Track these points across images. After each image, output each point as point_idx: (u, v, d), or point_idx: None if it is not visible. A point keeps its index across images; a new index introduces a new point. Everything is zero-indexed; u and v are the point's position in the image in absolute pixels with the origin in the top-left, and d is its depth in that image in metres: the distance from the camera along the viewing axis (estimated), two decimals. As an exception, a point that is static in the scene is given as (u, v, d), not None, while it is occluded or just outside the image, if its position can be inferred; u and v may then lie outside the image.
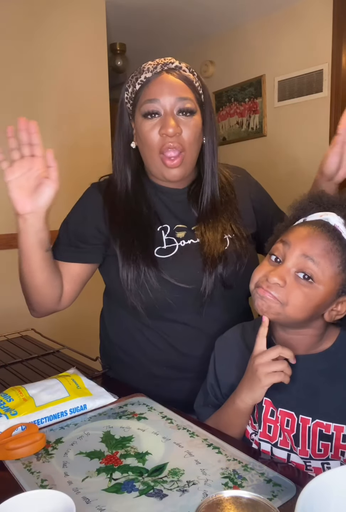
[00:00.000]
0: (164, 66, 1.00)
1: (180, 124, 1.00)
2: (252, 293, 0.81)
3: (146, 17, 3.27)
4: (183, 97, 0.99)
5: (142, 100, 1.01)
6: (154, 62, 1.02)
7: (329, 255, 0.74)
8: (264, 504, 0.51)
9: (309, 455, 0.79)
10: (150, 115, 0.99)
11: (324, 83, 3.08)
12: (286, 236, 0.80)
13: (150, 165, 1.06)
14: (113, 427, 0.88)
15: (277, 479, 0.70)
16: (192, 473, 0.72)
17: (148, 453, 0.79)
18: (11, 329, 1.69)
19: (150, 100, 0.99)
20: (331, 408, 0.78)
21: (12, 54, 2.40)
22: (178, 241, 1.05)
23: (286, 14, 3.24)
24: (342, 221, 0.78)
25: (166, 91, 0.98)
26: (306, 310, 0.75)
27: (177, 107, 0.99)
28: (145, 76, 1.00)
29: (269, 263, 0.80)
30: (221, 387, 0.90)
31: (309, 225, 0.78)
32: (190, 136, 1.01)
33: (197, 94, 1.04)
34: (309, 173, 3.73)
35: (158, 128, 0.99)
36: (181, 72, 1.01)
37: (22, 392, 0.96)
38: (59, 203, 2.89)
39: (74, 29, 2.64)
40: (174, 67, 1.01)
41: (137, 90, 1.02)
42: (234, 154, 3.74)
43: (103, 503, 0.66)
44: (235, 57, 3.63)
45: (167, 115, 0.98)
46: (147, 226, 1.05)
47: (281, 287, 0.75)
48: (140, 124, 1.02)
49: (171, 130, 0.97)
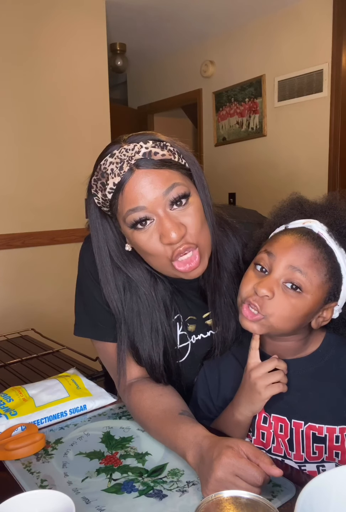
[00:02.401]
0: (130, 160, 0.78)
1: (180, 219, 0.80)
2: (239, 308, 0.78)
3: (146, 17, 3.27)
4: (169, 187, 0.78)
5: (122, 211, 0.80)
6: (116, 158, 0.79)
7: (316, 264, 0.73)
8: (264, 504, 0.51)
9: (303, 459, 0.79)
10: (140, 224, 0.79)
11: (324, 83, 3.08)
12: (270, 246, 0.77)
13: (158, 270, 0.87)
14: (113, 428, 0.88)
15: (276, 479, 0.70)
16: (191, 473, 0.72)
17: (148, 453, 0.79)
18: (11, 329, 1.69)
19: (133, 210, 0.78)
20: (322, 410, 0.78)
21: (12, 54, 2.40)
22: (190, 336, 0.95)
23: (286, 14, 3.24)
24: (325, 228, 0.76)
25: (148, 192, 0.78)
26: (293, 320, 0.75)
27: (167, 202, 0.79)
28: (114, 182, 0.79)
29: (255, 273, 0.78)
30: (213, 400, 0.90)
31: (293, 233, 0.76)
32: (196, 225, 0.81)
33: (181, 168, 0.82)
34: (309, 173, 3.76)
35: (157, 236, 0.80)
36: (153, 158, 0.78)
37: (22, 392, 0.96)
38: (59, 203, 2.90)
39: (74, 29, 2.65)
40: (142, 157, 0.78)
41: (110, 199, 0.81)
42: (234, 154, 3.75)
43: (103, 504, 0.66)
44: (235, 57, 3.63)
45: (161, 218, 0.79)
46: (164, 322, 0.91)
47: (269, 299, 0.73)
48: (133, 236, 0.82)
49: (175, 236, 0.78)
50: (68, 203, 2.68)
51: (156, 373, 0.90)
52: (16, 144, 2.46)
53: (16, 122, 2.45)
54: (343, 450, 0.77)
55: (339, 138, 3.07)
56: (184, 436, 0.73)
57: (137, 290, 0.90)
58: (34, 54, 2.49)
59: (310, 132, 3.23)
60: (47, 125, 2.56)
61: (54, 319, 2.35)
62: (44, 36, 2.52)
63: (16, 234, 2.48)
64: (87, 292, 0.95)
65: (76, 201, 2.71)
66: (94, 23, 2.76)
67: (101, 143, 3.25)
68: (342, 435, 0.77)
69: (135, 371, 0.93)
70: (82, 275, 0.97)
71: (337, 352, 0.81)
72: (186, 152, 0.85)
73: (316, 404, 0.79)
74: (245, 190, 3.71)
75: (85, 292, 0.96)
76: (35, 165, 2.53)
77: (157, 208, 0.78)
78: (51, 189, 2.60)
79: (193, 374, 0.96)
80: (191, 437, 0.72)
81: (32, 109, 2.49)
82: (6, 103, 2.40)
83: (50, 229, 2.62)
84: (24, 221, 2.51)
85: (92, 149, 2.76)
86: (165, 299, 0.92)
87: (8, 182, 2.44)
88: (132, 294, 0.90)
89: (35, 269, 2.57)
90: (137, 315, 0.90)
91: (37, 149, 2.53)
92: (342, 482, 0.54)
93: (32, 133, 2.50)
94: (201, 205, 0.84)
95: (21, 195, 2.49)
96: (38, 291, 2.57)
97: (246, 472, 0.62)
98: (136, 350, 0.91)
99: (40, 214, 2.57)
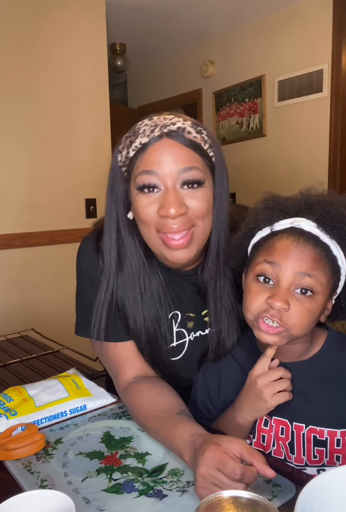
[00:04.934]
0: (163, 128, 0.80)
1: (186, 199, 0.81)
2: (252, 323, 0.77)
3: (146, 17, 3.27)
4: (188, 167, 0.80)
5: (137, 170, 0.82)
6: (152, 122, 0.82)
7: (320, 264, 0.73)
8: (264, 504, 0.51)
9: (304, 462, 0.79)
10: (147, 188, 0.81)
11: (324, 83, 3.08)
12: (269, 254, 0.75)
13: (147, 242, 0.88)
14: (113, 428, 0.88)
15: (276, 479, 0.70)
16: (191, 473, 0.72)
17: (148, 453, 0.79)
18: (11, 329, 1.69)
19: (146, 172, 0.80)
20: (323, 413, 0.78)
21: (12, 54, 2.40)
22: (188, 333, 0.95)
23: (286, 14, 3.24)
24: (314, 225, 0.76)
25: (166, 161, 0.79)
26: (311, 323, 0.75)
27: (180, 180, 0.80)
28: (141, 142, 0.81)
29: (260, 286, 0.75)
30: (213, 401, 0.89)
31: (287, 236, 0.75)
32: (200, 211, 0.82)
33: (206, 158, 0.83)
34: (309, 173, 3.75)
35: (156, 207, 0.81)
36: (185, 135, 0.80)
37: (22, 392, 0.96)
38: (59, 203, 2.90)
39: (74, 29, 2.65)
40: (175, 129, 0.80)
41: (131, 157, 0.83)
42: (234, 154, 3.75)
43: (103, 503, 0.66)
44: (235, 57, 3.63)
45: (168, 190, 0.80)
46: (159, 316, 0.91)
47: (286, 311, 0.72)
48: (135, 198, 0.84)
49: (173, 212, 0.79)
50: (68, 203, 2.68)
51: (141, 343, 0.90)
52: (16, 144, 2.46)
53: (16, 122, 2.45)
54: (344, 453, 0.77)
55: (339, 138, 3.07)
56: (181, 435, 0.73)
57: (125, 260, 0.90)
58: (34, 54, 2.48)
59: (310, 132, 3.23)
60: (47, 125, 2.56)
61: (54, 319, 2.35)
62: (44, 36, 2.52)
63: (16, 234, 2.48)
64: (86, 294, 0.95)
65: (76, 201, 2.72)
66: (94, 23, 2.76)
67: (101, 143, 3.25)
68: (343, 438, 0.76)
69: (134, 370, 0.93)
70: (79, 277, 0.97)
71: (338, 353, 0.81)
72: (217, 149, 0.86)
73: (317, 407, 0.79)
74: (245, 190, 3.70)
75: (83, 294, 0.96)
76: (35, 165, 2.53)
77: (169, 180, 0.80)
78: (51, 189, 2.60)
79: (189, 372, 0.95)
80: (188, 436, 0.72)
81: (31, 109, 2.49)
82: (6, 103, 2.40)
83: (50, 229, 2.62)
84: (24, 221, 2.51)
85: (92, 149, 2.77)
86: (159, 293, 0.91)
87: (8, 182, 2.44)
88: (122, 262, 0.91)
89: (35, 269, 2.57)
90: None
91: (37, 149, 2.53)
92: (342, 482, 0.54)
93: (32, 133, 2.50)
94: (211, 198, 0.84)
95: (21, 195, 2.49)
96: (38, 291, 2.57)
97: (224, 466, 0.61)
98: (122, 307, 0.91)
99: (40, 214, 2.57)
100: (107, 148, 2.82)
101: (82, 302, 0.97)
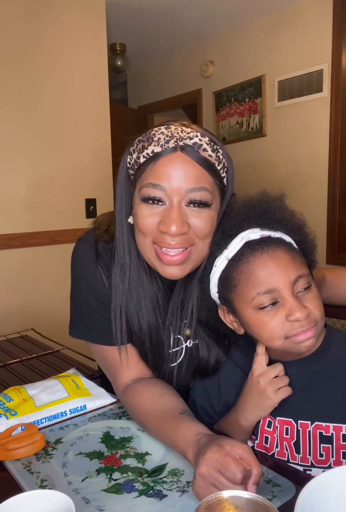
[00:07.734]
0: (179, 140, 0.77)
1: (189, 217, 0.78)
2: (283, 344, 0.75)
3: (146, 17, 3.27)
4: (197, 187, 0.77)
5: (144, 180, 0.79)
6: (168, 131, 0.78)
7: (300, 259, 0.77)
8: (264, 504, 0.51)
9: (310, 462, 0.79)
10: (151, 200, 0.78)
11: (324, 83, 3.08)
12: (260, 284, 0.74)
13: (140, 250, 0.85)
14: (113, 428, 0.88)
15: (276, 480, 0.70)
16: (191, 473, 0.72)
17: (148, 453, 0.79)
18: (11, 329, 1.69)
19: (153, 185, 0.77)
20: (328, 409, 0.78)
21: (12, 54, 2.40)
22: (185, 340, 0.93)
23: (286, 14, 3.24)
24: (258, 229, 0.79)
25: (176, 177, 0.76)
26: (323, 309, 0.78)
27: (187, 198, 0.77)
28: (153, 150, 0.77)
29: (268, 313, 0.75)
30: (214, 406, 0.89)
31: (262, 251, 0.75)
32: (205, 228, 0.79)
33: (217, 179, 0.80)
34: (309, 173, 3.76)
35: (157, 220, 0.78)
36: (200, 152, 0.77)
37: (22, 392, 0.96)
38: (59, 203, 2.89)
39: (74, 29, 2.65)
40: (191, 144, 0.77)
41: (141, 163, 0.79)
42: (234, 154, 3.73)
43: (103, 504, 0.66)
44: (235, 57, 3.63)
45: (172, 206, 0.77)
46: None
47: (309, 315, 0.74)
48: (137, 206, 0.81)
49: (174, 229, 0.76)
50: (68, 203, 2.68)
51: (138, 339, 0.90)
52: (16, 144, 2.46)
53: (16, 122, 2.45)
54: None
55: (339, 138, 3.07)
56: (185, 434, 0.73)
57: (120, 258, 0.88)
58: (34, 54, 2.49)
59: (310, 132, 3.23)
60: (47, 125, 2.56)
61: (54, 319, 2.34)
62: (44, 36, 2.52)
63: (16, 234, 2.48)
64: (81, 297, 0.94)
65: (76, 201, 2.72)
66: (94, 23, 2.76)
67: (101, 143, 3.25)
68: None
69: (133, 372, 0.93)
70: (74, 280, 0.96)
71: (339, 349, 0.82)
72: (231, 171, 0.84)
73: (321, 403, 0.79)
74: (245, 190, 3.71)
75: (78, 297, 0.95)
76: (35, 165, 2.53)
77: (176, 196, 0.77)
78: (51, 189, 2.60)
79: (186, 379, 0.95)
80: (192, 435, 0.72)
81: (32, 109, 2.49)
82: (6, 103, 2.40)
83: (50, 229, 2.62)
84: (24, 221, 2.51)
85: (92, 149, 2.77)
86: (158, 299, 0.91)
87: (9, 182, 2.44)
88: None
89: (35, 269, 2.57)
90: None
91: (37, 148, 2.53)
92: (342, 482, 0.54)
93: (32, 133, 2.50)
94: (215, 219, 0.82)
95: (21, 195, 2.49)
96: (38, 291, 2.57)
97: (226, 469, 0.61)
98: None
99: (40, 214, 2.57)
100: (107, 148, 2.82)
101: (76, 304, 0.96)
